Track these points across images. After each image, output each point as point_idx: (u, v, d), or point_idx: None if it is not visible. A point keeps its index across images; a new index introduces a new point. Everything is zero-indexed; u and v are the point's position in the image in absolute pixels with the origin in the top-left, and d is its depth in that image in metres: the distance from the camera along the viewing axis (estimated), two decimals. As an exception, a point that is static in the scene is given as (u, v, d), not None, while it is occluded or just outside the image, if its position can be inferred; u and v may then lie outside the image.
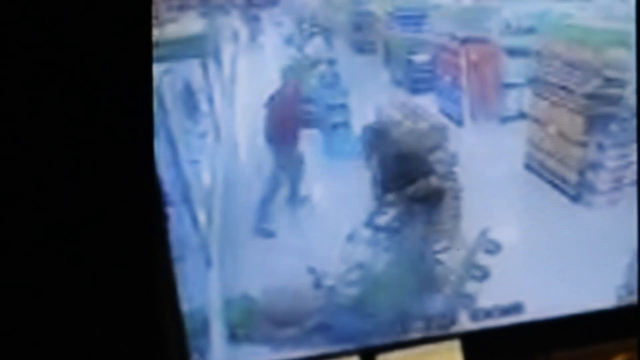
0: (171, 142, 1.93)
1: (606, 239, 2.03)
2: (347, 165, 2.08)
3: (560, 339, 1.94)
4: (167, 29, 1.83)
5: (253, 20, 2.10)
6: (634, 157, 2.05)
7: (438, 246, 2.06)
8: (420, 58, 2.20)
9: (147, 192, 1.38)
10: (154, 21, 1.74)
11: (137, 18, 1.33)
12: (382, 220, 2.05)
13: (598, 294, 1.99)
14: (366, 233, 2.01)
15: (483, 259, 2.03)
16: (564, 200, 2.22)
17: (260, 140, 2.09)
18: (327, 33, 2.13)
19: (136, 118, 1.31)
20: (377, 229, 2.03)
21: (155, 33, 1.76)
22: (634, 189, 1.98)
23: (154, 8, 1.71)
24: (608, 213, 2.15)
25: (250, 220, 2.04)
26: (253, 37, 2.14)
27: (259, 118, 2.09)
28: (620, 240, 1.97)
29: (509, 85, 2.25)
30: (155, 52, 1.58)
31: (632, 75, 2.00)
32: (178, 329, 1.77)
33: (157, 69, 1.76)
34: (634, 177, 2.05)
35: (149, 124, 1.39)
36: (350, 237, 2.00)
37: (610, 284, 2.01)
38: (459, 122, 2.25)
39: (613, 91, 2.13)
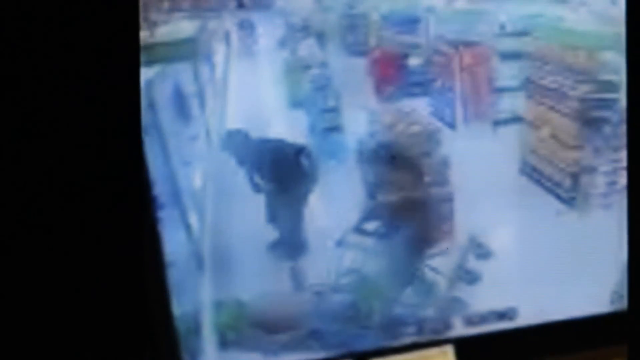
0: (163, 145, 1.93)
1: (600, 243, 2.03)
2: (338, 170, 2.07)
3: (554, 344, 1.93)
4: (158, 31, 1.82)
5: (245, 23, 2.09)
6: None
7: (431, 251, 2.06)
8: (413, 61, 2.20)
9: (139, 195, 1.37)
10: (144, 24, 1.74)
11: (124, 19, 1.32)
12: (373, 225, 2.04)
13: (592, 299, 1.99)
14: (356, 238, 2.01)
15: (476, 264, 2.03)
16: (557, 204, 2.21)
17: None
18: (319, 35, 2.13)
19: (124, 120, 1.30)
20: (368, 233, 2.03)
21: (146, 35, 1.76)
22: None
23: (144, 10, 1.70)
24: (601, 217, 2.14)
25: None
26: (245, 40, 2.13)
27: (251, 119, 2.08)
28: (613, 244, 1.96)
29: (503, 89, 2.25)
30: (147, 55, 1.57)
31: (624, 79, 2.00)
32: (170, 333, 1.77)
33: (148, 71, 1.76)
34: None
35: (137, 125, 1.39)
36: (341, 242, 2.00)
37: (604, 289, 2.00)
38: (452, 126, 2.24)
39: (607, 95, 2.13)
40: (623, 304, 1.97)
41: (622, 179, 2.13)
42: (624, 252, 1.91)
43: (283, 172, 2.06)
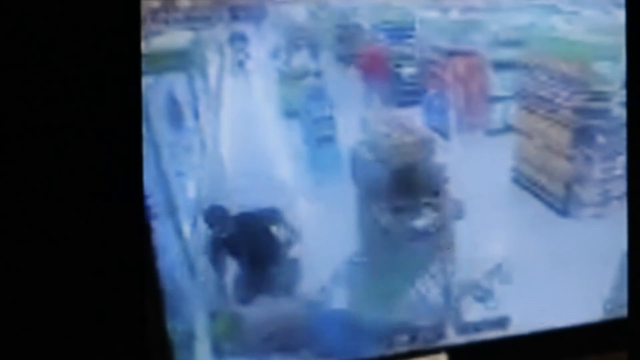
0: (157, 155, 1.93)
1: (593, 251, 2.03)
2: (334, 179, 2.07)
3: (548, 352, 1.93)
4: (153, 42, 1.83)
5: (239, 34, 2.10)
6: (620, 170, 2.05)
7: (424, 260, 2.06)
8: (407, 71, 2.20)
9: (133, 204, 1.37)
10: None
11: (126, 28, 1.32)
12: (368, 234, 2.05)
13: (586, 307, 1.99)
14: (351, 247, 2.01)
15: (470, 272, 2.03)
16: (551, 213, 2.22)
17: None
18: (313, 46, 2.13)
19: (124, 129, 1.30)
20: (365, 242, 2.03)
21: (142, 46, 1.76)
22: (620, 202, 1.98)
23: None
24: (595, 226, 2.15)
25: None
26: (239, 51, 2.14)
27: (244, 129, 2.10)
28: (607, 253, 1.97)
29: (496, 99, 2.26)
30: (142, 65, 1.57)
31: (617, 88, 2.00)
32: (163, 341, 1.76)
33: (143, 82, 1.76)
34: (620, 189, 2.05)
35: (137, 137, 1.39)
36: (336, 251, 2.00)
37: (598, 297, 2.00)
38: (446, 135, 2.25)
39: (599, 104, 2.14)
40: (616, 312, 1.97)
41: (615, 188, 2.13)
42: (617, 261, 1.91)
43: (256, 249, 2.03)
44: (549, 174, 2.26)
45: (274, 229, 1.98)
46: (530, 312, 1.94)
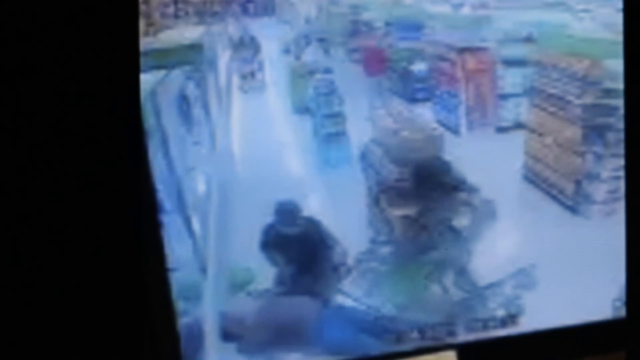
0: (166, 150, 1.93)
1: (602, 250, 2.03)
2: (344, 175, 2.07)
3: (557, 350, 1.93)
4: (163, 36, 1.83)
5: (249, 29, 2.10)
6: (631, 168, 2.04)
7: (434, 256, 2.06)
8: (418, 67, 2.20)
9: (141, 200, 1.37)
10: (149, 29, 1.74)
11: (123, 24, 1.32)
12: (377, 231, 2.05)
13: (595, 305, 1.98)
14: (361, 245, 2.01)
15: (479, 269, 2.02)
16: (561, 210, 2.21)
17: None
18: (323, 42, 2.13)
19: (126, 124, 1.30)
20: (374, 240, 2.03)
21: (151, 41, 1.76)
22: (630, 200, 1.97)
23: (148, 16, 1.71)
24: (605, 224, 2.14)
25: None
26: (249, 45, 2.14)
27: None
28: (616, 251, 1.96)
29: (507, 96, 2.25)
30: (152, 60, 1.58)
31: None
32: (171, 338, 1.76)
33: (153, 76, 1.76)
34: (631, 188, 2.04)
35: (140, 130, 1.39)
36: (345, 248, 1.99)
37: (607, 296, 2.00)
38: (457, 132, 2.25)
39: (610, 102, 2.13)
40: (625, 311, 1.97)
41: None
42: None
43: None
44: (560, 172, 2.25)
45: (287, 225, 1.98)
46: (541, 310, 1.94)
